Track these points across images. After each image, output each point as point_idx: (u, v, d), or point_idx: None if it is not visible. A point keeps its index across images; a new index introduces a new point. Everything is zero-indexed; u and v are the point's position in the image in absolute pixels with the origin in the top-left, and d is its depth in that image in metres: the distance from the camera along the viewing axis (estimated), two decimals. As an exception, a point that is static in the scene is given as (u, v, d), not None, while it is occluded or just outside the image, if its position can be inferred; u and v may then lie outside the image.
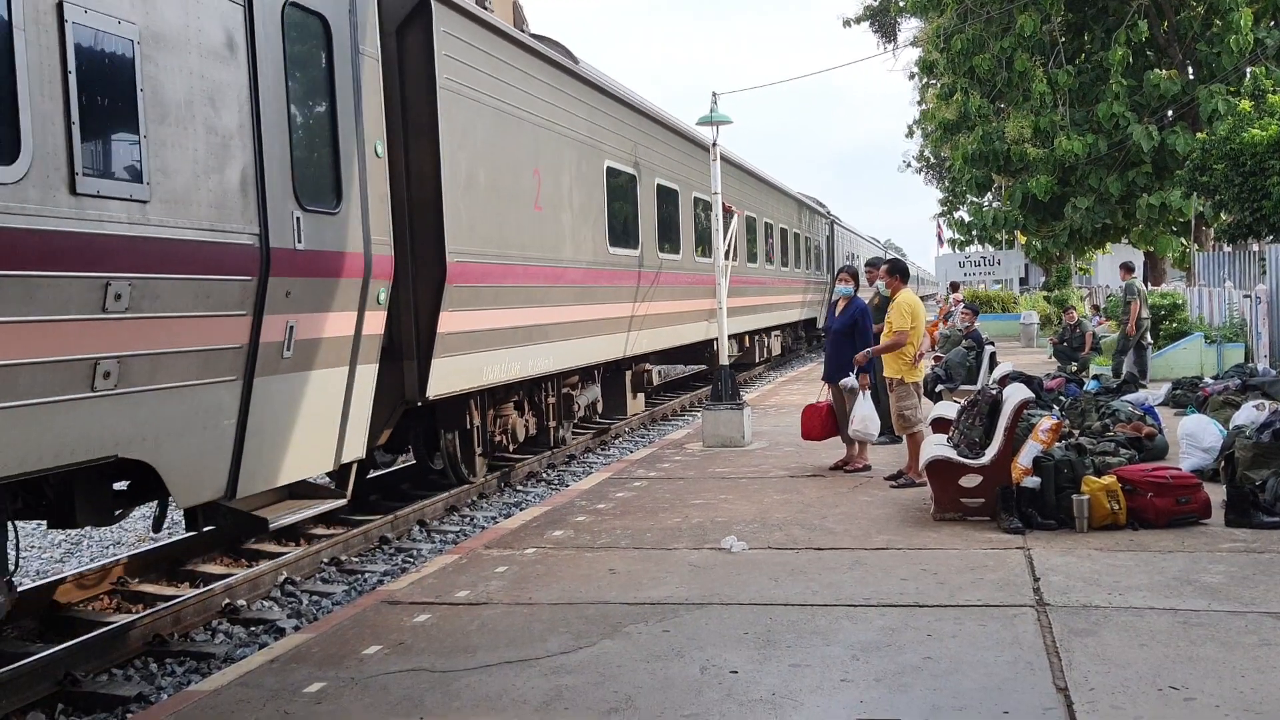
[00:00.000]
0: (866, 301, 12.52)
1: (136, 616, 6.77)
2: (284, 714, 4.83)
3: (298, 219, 7.03)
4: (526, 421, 12.28)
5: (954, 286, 28.42)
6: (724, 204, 13.91)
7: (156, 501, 6.99)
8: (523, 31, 11.82)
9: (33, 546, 9.92)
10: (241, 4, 6.59)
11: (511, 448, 12.13)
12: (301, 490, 7.67)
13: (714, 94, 12.87)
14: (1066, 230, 28.56)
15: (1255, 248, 17.99)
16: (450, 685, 5.08)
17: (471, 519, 10.42)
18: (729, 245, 14.04)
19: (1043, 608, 5.90)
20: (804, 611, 6.01)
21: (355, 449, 8.03)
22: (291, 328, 6.98)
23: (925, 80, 38.30)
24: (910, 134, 51.60)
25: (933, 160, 52.79)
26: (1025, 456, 8.51)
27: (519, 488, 11.99)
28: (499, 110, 10.63)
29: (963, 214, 43.38)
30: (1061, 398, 13.45)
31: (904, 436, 10.06)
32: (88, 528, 8.11)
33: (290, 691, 5.10)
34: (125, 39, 5.66)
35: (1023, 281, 48.09)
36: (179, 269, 5.97)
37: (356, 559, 8.83)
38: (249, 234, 6.55)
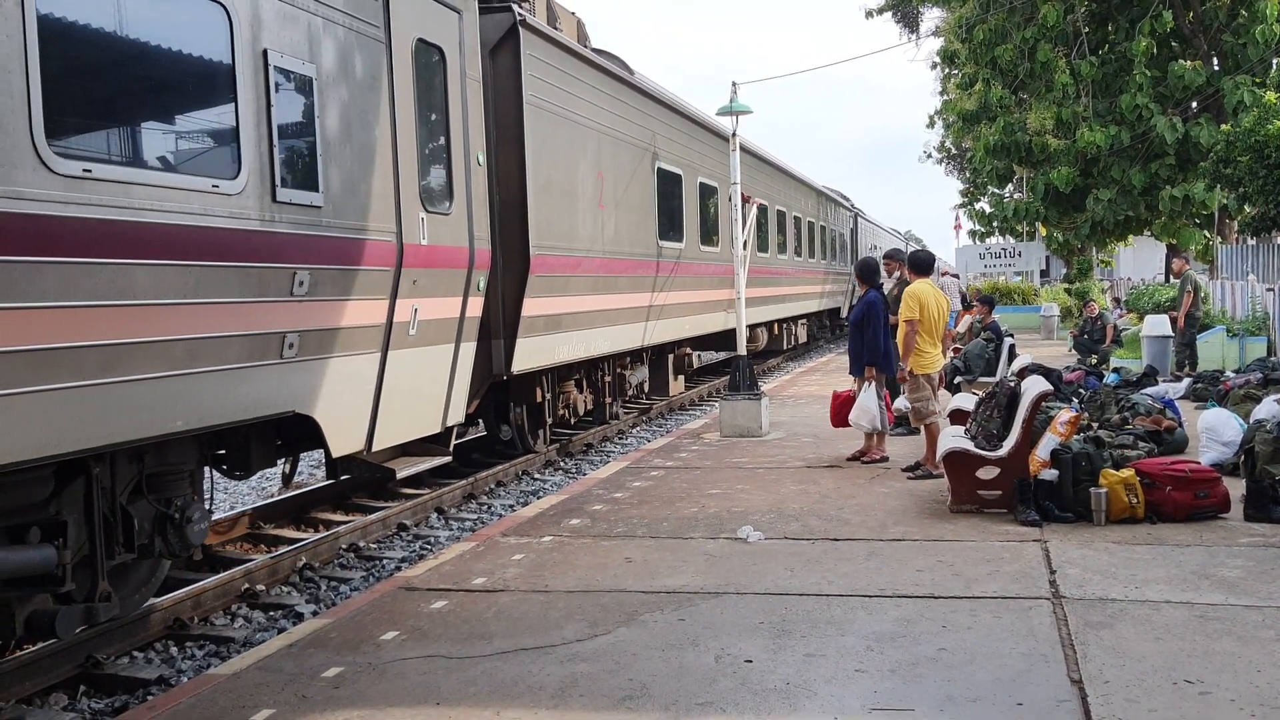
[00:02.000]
0: (887, 293, 12.53)
1: (157, 600, 6.82)
2: (301, 697, 4.88)
3: (422, 219, 8.30)
4: (585, 398, 13.73)
5: (963, 299, 24.94)
6: (743, 194, 13.93)
7: (289, 459, 8.46)
8: (586, 47, 12.89)
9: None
10: (383, 41, 7.83)
11: (572, 421, 13.52)
12: (412, 449, 8.84)
13: (734, 84, 12.88)
14: (1088, 222, 28.34)
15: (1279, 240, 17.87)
16: (466, 671, 5.11)
17: (489, 506, 10.47)
18: (748, 235, 14.08)
19: (1059, 600, 5.88)
20: (819, 602, 6.02)
21: (457, 414, 9.34)
22: (416, 310, 8.24)
23: (947, 71, 38.11)
24: (931, 124, 51.32)
25: (954, 151, 52.48)
26: (1043, 449, 8.49)
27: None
28: (570, 120, 12.01)
29: (984, 205, 43.10)
30: (1081, 390, 13.39)
31: (921, 428, 10.04)
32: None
33: (308, 676, 5.14)
34: (307, 77, 6.92)
35: (1044, 273, 47.79)
36: (344, 261, 7.33)
37: (375, 545, 8.89)
38: (389, 232, 7.83)
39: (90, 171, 5.21)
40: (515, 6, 10.63)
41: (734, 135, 13.17)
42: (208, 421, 6.14)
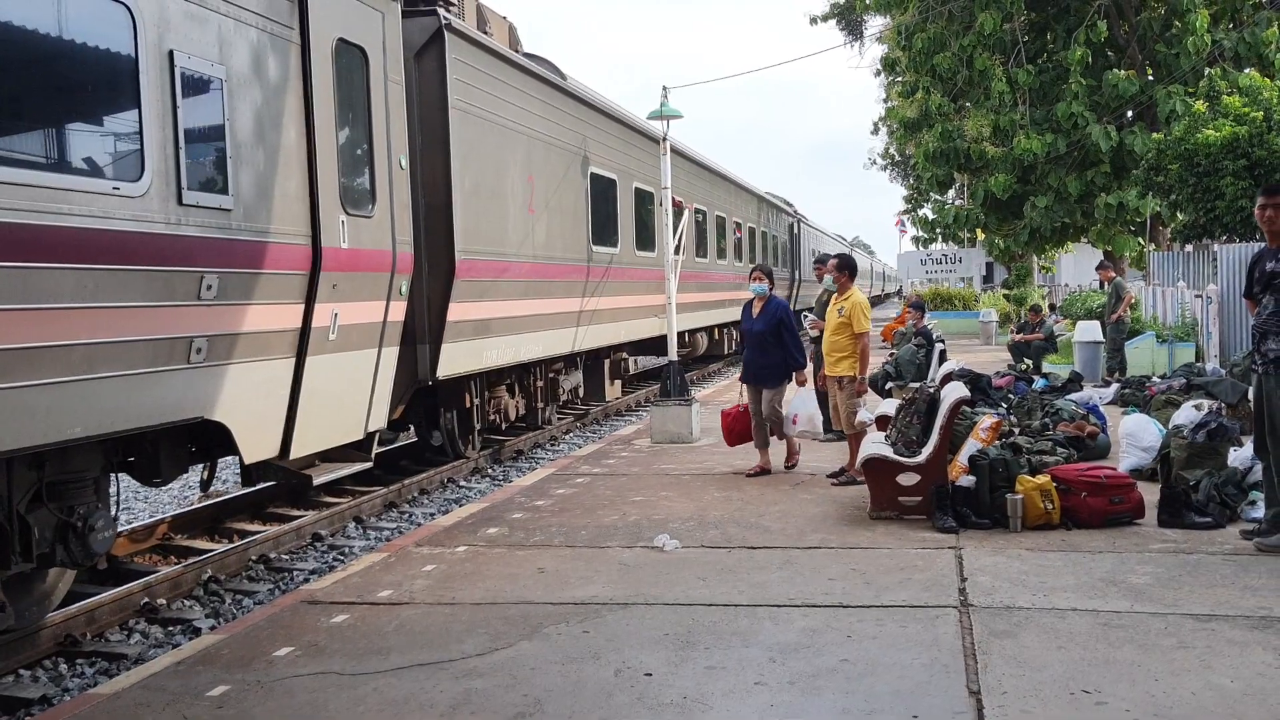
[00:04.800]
0: (815, 298, 12.55)
1: (49, 615, 6.60)
2: (183, 718, 4.71)
3: (343, 222, 8.19)
4: (517, 403, 13.61)
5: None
6: (674, 199, 13.89)
7: (206, 464, 8.18)
8: (517, 52, 12.84)
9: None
10: (298, 42, 7.69)
11: (503, 426, 13.46)
12: (331, 455, 8.75)
13: (664, 88, 12.85)
14: (1026, 229, 28.63)
15: (1216, 247, 18.10)
16: (358, 689, 4.97)
17: (410, 515, 10.30)
18: (680, 240, 14.05)
19: (966, 609, 5.85)
20: (727, 612, 5.94)
21: (379, 419, 9.26)
22: (335, 314, 8.15)
23: (890, 78, 38.40)
24: (875, 131, 51.80)
25: (897, 158, 52.96)
26: (964, 455, 8.50)
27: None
28: (499, 124, 11.89)
29: (926, 211, 43.49)
30: (1010, 395, 13.46)
31: (847, 434, 10.00)
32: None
33: (192, 695, 4.97)
34: (216, 78, 6.80)
35: (987, 279, 48.30)
36: (257, 265, 7.16)
37: (286, 556, 8.69)
38: (306, 236, 7.75)
39: None
40: (441, 10, 10.49)
41: (664, 139, 13.13)
42: (109, 428, 5.99)
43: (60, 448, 5.85)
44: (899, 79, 33.35)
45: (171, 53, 6.36)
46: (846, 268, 10.33)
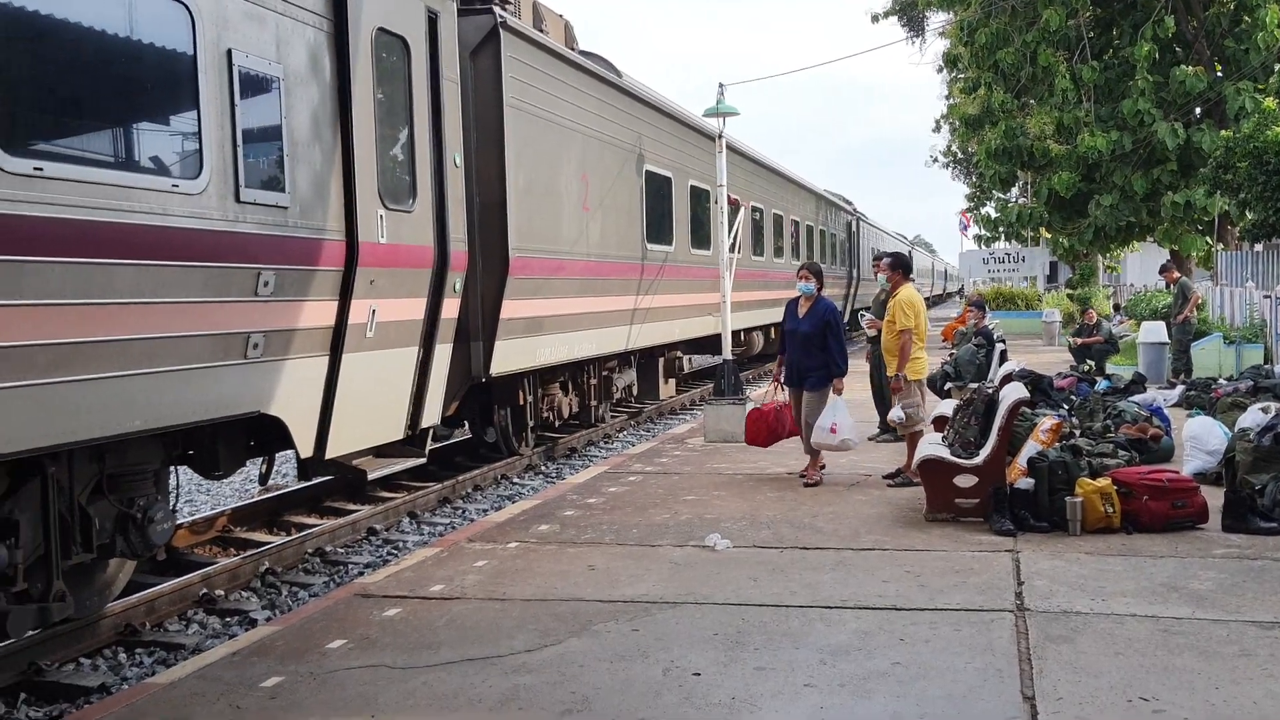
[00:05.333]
0: (874, 297, 12.43)
1: (110, 605, 6.73)
2: (235, 708, 4.77)
3: (381, 216, 8.06)
4: (570, 400, 13.67)
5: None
6: (730, 197, 13.84)
7: (264, 458, 8.26)
8: (573, 50, 12.86)
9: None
10: (328, 31, 7.50)
11: (557, 424, 13.47)
12: (386, 451, 8.76)
13: (720, 85, 12.80)
14: (1091, 228, 28.12)
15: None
16: (408, 682, 4.99)
17: (463, 511, 10.37)
18: (736, 238, 13.99)
19: (1022, 613, 5.75)
20: (778, 612, 5.90)
21: (433, 416, 9.23)
22: (374, 310, 8.04)
23: (951, 74, 37.93)
24: (937, 128, 51.20)
25: (959, 155, 52.31)
26: (1024, 457, 8.36)
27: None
28: (553, 122, 11.90)
29: (989, 210, 42.91)
30: (1072, 397, 13.23)
31: (905, 435, 9.89)
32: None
33: (246, 686, 5.03)
34: (274, 76, 6.86)
35: (1051, 279, 47.55)
36: (310, 261, 7.26)
37: (342, 550, 8.79)
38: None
39: (42, 170, 5.13)
40: (496, 8, 10.55)
41: (720, 137, 13.08)
42: (168, 421, 6.08)
43: (120, 440, 5.96)
44: (961, 75, 32.92)
45: (230, 51, 6.46)
46: (900, 266, 10.18)
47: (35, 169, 5.10)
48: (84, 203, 5.34)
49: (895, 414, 9.71)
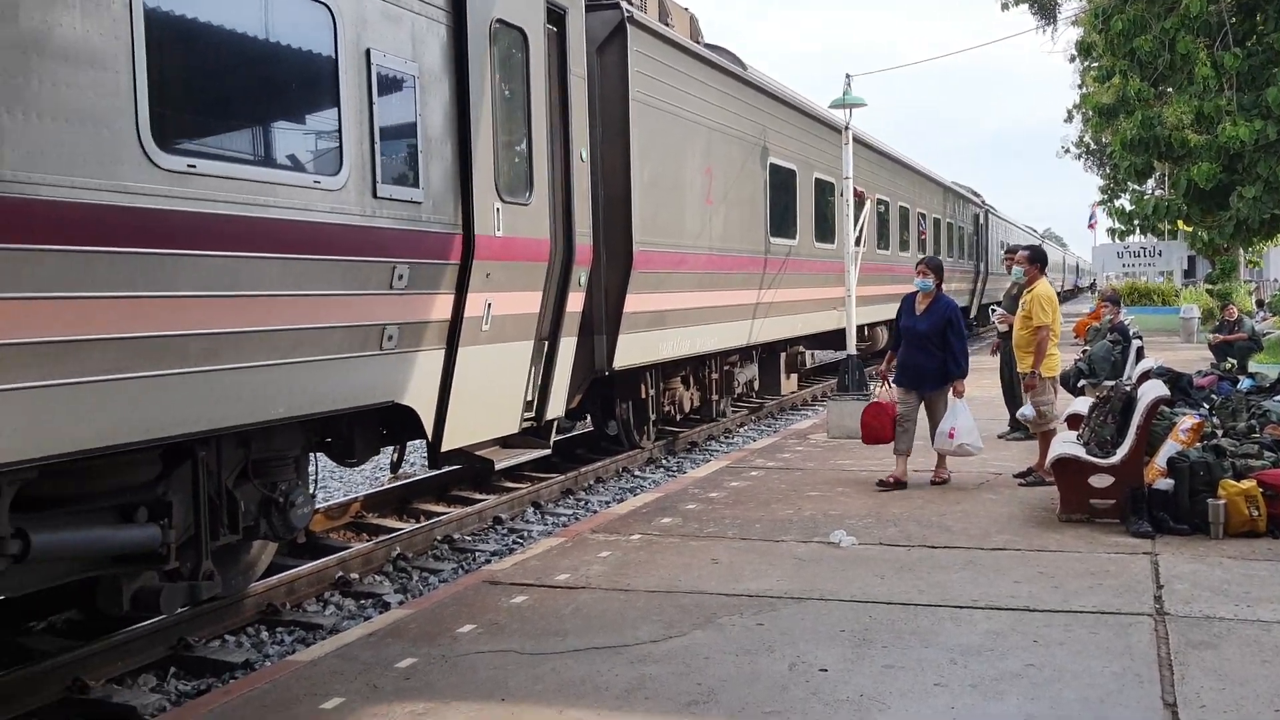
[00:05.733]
0: (1004, 292, 12.15)
1: (252, 585, 7.01)
2: (372, 687, 4.92)
3: (498, 210, 8.01)
4: (691, 395, 13.74)
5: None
6: (855, 189, 13.68)
7: (396, 446, 8.45)
8: (697, 43, 12.91)
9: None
10: (448, 24, 7.50)
11: (678, 418, 13.54)
12: (512, 441, 8.92)
13: (847, 76, 12.70)
14: (1232, 221, 26.95)
15: None
16: (536, 668, 5.09)
17: (586, 502, 10.49)
18: (860, 231, 13.82)
19: (1162, 617, 5.57)
20: (906, 611, 5.82)
21: (557, 408, 9.35)
22: (489, 304, 7.96)
23: (1085, 63, 36.77)
24: (1069, 118, 49.64)
25: (1092, 146, 50.70)
26: (1163, 457, 8.08)
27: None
28: (679, 116, 11.96)
29: (1123, 202, 41.48)
30: (1213, 396, 12.71)
31: (1037, 434, 9.63)
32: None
33: (382, 666, 5.19)
34: (410, 75, 6.99)
35: (1188, 274, 45.77)
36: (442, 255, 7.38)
37: (469, 538, 8.98)
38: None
39: (194, 167, 5.36)
40: (623, 3, 10.62)
41: (846, 129, 12.95)
42: (310, 409, 6.30)
43: (264, 427, 6.20)
44: (1095, 64, 31.85)
45: (368, 51, 6.64)
46: (1039, 259, 9.86)
47: (189, 166, 5.32)
48: (232, 199, 5.56)
49: (1027, 411, 9.46)
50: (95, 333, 4.87)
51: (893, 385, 9.66)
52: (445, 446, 7.68)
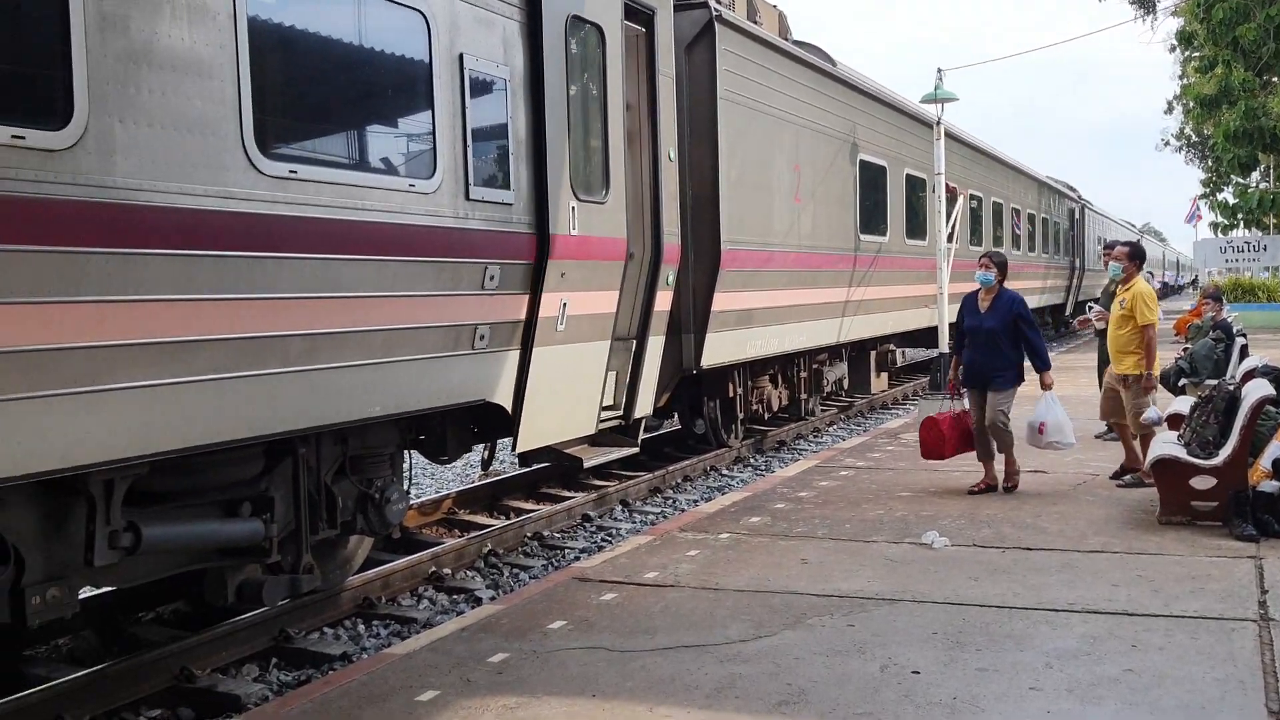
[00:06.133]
0: (1102, 289, 11.88)
1: (349, 580, 7.17)
2: (466, 681, 5.01)
3: (573, 208, 8.00)
4: (780, 393, 13.61)
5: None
6: (947, 185, 13.50)
7: (487, 444, 8.50)
8: (786, 40, 12.90)
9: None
10: (521, 20, 7.39)
11: (766, 417, 13.41)
12: (600, 440, 9.01)
13: (938, 70, 12.58)
14: (1343, 213, 26.01)
15: None
16: (626, 665, 5.13)
17: (674, 501, 10.52)
18: (953, 228, 13.63)
19: (1267, 623, 5.42)
20: (1000, 614, 5.74)
21: (645, 406, 9.43)
22: (565, 303, 7.99)
23: (1185, 53, 35.77)
24: (1169, 110, 48.38)
25: (1193, 138, 49.26)
26: (1267, 458, 7.82)
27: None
28: (767, 113, 11.89)
29: (1226, 196, 40.23)
30: (1323, 396, 12.26)
31: (1138, 435, 9.36)
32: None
33: (475, 660, 5.28)
34: (501, 79, 7.10)
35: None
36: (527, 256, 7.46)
37: (559, 535, 9.07)
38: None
39: (295, 173, 5.51)
40: (712, 2, 10.63)
41: (938, 123, 12.80)
42: (406, 408, 6.44)
43: (362, 425, 6.35)
44: (1196, 54, 31.01)
45: (461, 55, 6.75)
46: (1138, 256, 9.50)
47: (290, 171, 5.48)
48: (331, 202, 5.71)
49: (1152, 415, 9.08)
50: (201, 334, 5.04)
51: (963, 392, 9.21)
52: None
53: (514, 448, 7.64)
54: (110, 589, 6.44)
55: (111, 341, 4.65)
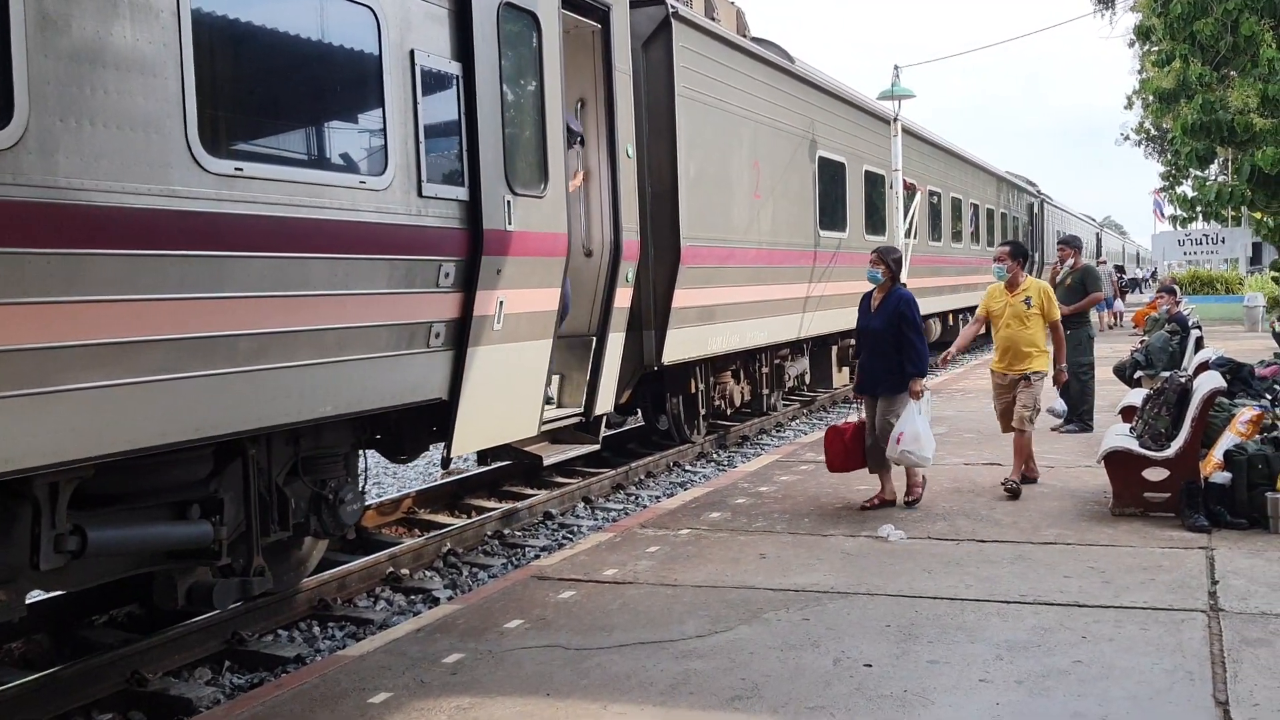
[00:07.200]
0: (1058, 283, 11.98)
1: (304, 581, 7.12)
2: (419, 682, 4.99)
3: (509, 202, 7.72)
4: (742, 389, 13.61)
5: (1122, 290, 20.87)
6: (906, 181, 13.56)
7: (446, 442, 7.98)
8: (744, 37, 12.86)
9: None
10: (451, 6, 7.14)
11: (728, 412, 13.50)
12: (562, 437, 8.96)
13: (895, 67, 12.68)
14: (1300, 206, 26.32)
15: None
16: (582, 663, 5.12)
17: (636, 497, 10.52)
18: (911, 223, 13.70)
19: (1216, 613, 5.48)
20: (953, 606, 5.78)
21: (607, 403, 9.39)
22: (501, 302, 7.81)
23: (1144, 48, 36.11)
24: (1129, 105, 48.75)
25: (1153, 133, 49.76)
26: (1220, 449, 7.93)
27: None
28: (724, 110, 11.87)
29: (1186, 189, 40.65)
30: (1276, 386, 12.43)
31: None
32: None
33: (430, 661, 5.26)
34: (453, 74, 6.99)
35: (1254, 261, 44.77)
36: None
37: (519, 533, 9.04)
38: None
39: (242, 170, 5.45)
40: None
41: (895, 120, 12.88)
42: (360, 407, 6.38)
43: (314, 425, 6.29)
44: (1154, 48, 31.28)
45: (412, 51, 6.67)
46: (1020, 254, 8.98)
47: (236, 169, 5.42)
48: (279, 200, 5.64)
49: (1058, 405, 9.12)
50: (147, 334, 4.97)
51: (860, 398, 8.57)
52: (456, 450, 7.41)
53: (447, 450, 7.28)
54: (62, 592, 6.36)
55: (55, 343, 4.59)
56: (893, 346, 8.13)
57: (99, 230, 4.75)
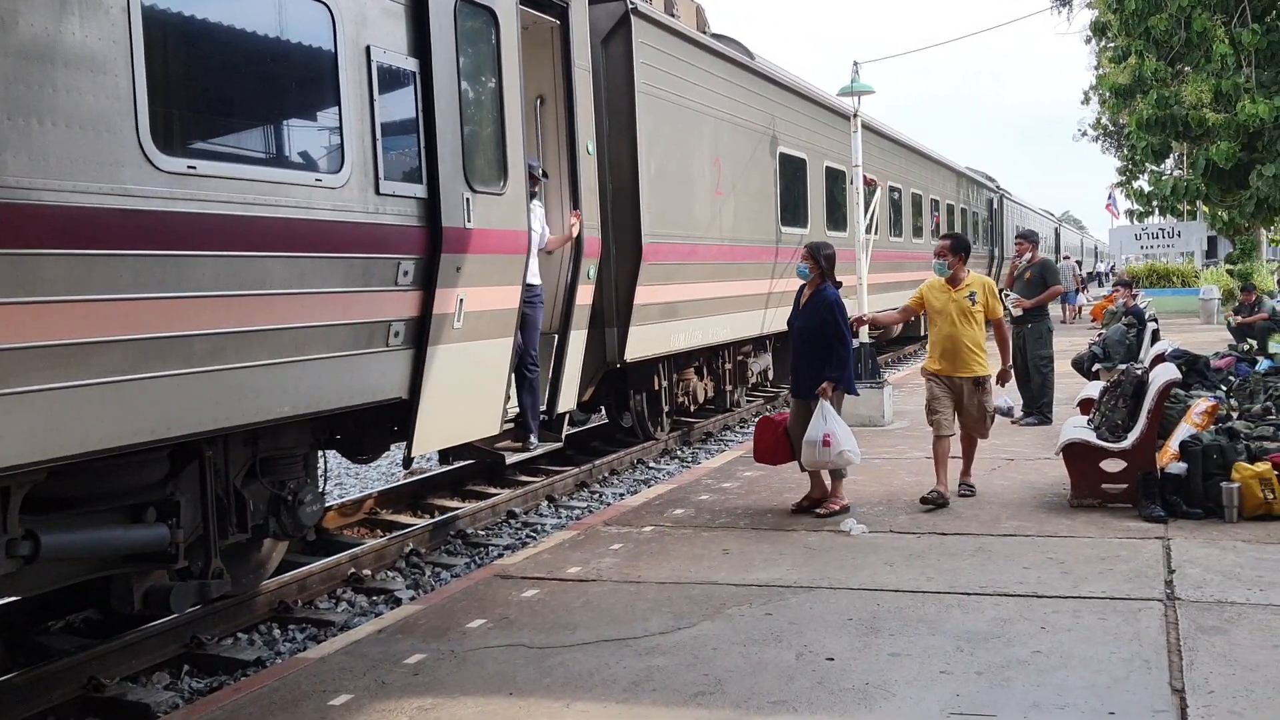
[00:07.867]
0: (1017, 276, 12.08)
1: (264, 583, 7.05)
2: (381, 684, 4.95)
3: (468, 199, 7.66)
4: (705, 385, 13.65)
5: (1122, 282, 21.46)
6: (866, 177, 13.63)
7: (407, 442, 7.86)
8: (704, 33, 12.83)
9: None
10: (408, 1, 7.05)
11: (692, 409, 13.53)
12: (523, 435, 8.94)
13: (855, 63, 12.64)
14: (1253, 200, 26.69)
15: None
16: (545, 662, 5.10)
17: (600, 495, 10.50)
18: (871, 219, 13.77)
19: (1172, 602, 5.55)
20: (914, 599, 5.81)
21: (569, 401, 9.41)
22: (461, 300, 7.70)
23: (1100, 44, 36.51)
24: (1086, 101, 49.26)
25: (1110, 128, 50.31)
26: (1176, 440, 8.03)
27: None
28: (685, 107, 11.90)
29: (1142, 183, 41.13)
30: (1231, 378, 12.61)
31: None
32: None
33: (391, 662, 5.22)
34: (410, 71, 6.93)
35: (1209, 254, 45.37)
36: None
37: (483, 532, 9.00)
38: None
39: (195, 168, 5.38)
40: None
41: (855, 116, 12.91)
42: (317, 407, 6.31)
43: (272, 426, 6.23)
44: (1110, 44, 31.65)
45: (368, 47, 6.61)
46: (961, 249, 8.41)
47: (189, 168, 5.34)
48: (234, 198, 5.57)
49: (1003, 402, 8.77)
50: (100, 335, 4.90)
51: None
52: (416, 450, 7.31)
53: (409, 450, 7.18)
54: (17, 598, 6.25)
55: (4, 344, 4.51)
56: (815, 348, 7.83)
57: (48, 230, 4.67)
